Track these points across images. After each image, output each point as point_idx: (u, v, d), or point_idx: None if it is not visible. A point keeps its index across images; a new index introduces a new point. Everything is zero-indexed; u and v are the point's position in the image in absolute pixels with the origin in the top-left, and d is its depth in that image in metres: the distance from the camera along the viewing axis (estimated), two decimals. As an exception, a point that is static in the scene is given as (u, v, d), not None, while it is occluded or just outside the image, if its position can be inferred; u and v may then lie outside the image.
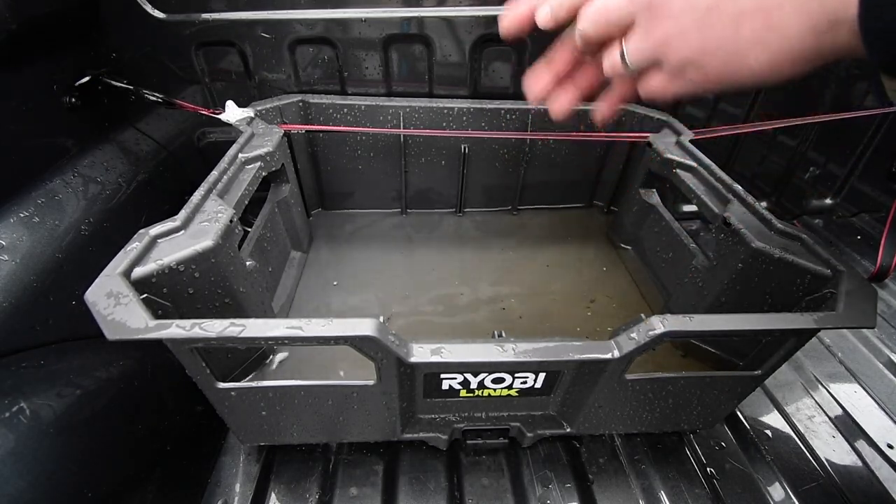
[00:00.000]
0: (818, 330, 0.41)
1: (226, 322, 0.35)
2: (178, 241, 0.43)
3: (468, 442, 0.55)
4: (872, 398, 0.65)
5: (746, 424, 0.60)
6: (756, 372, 0.47)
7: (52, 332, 0.46)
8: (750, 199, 0.55)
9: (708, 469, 0.55)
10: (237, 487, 0.52)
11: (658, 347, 0.42)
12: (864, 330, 0.75)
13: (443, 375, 0.44)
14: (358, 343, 0.37)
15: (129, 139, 0.68)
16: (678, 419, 0.54)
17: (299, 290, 0.72)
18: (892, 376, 0.69)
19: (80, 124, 0.61)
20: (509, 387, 0.47)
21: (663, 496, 0.53)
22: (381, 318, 0.38)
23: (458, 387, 0.46)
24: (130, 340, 0.33)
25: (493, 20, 0.69)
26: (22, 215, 0.48)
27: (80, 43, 0.62)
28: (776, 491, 0.54)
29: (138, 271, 0.40)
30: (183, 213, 0.45)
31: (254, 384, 0.43)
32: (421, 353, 0.39)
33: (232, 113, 0.65)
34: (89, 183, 0.57)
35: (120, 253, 0.40)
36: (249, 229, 0.61)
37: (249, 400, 0.44)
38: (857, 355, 0.71)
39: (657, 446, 0.58)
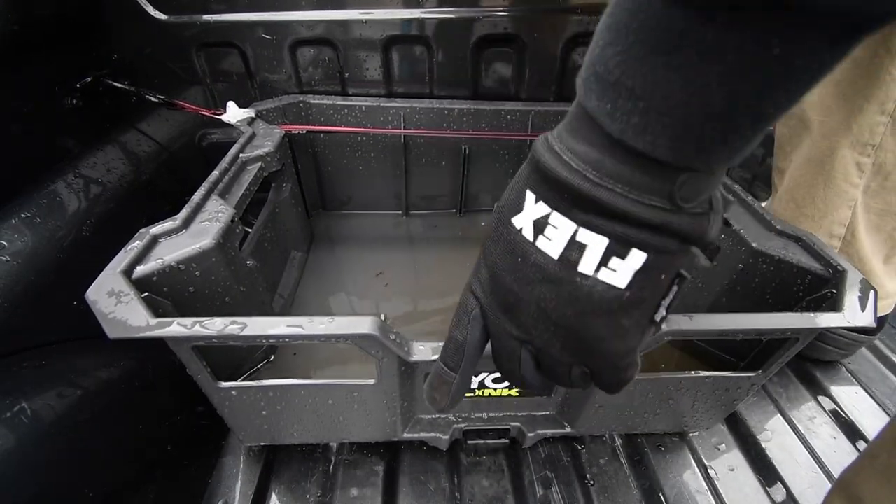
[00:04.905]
0: (819, 330, 0.41)
1: (227, 320, 0.35)
2: (178, 241, 0.44)
3: (469, 442, 0.55)
4: (873, 398, 0.65)
5: (747, 424, 0.60)
6: (757, 372, 0.47)
7: (53, 332, 0.46)
8: (749, 199, 0.55)
9: (709, 470, 0.55)
10: (237, 487, 0.52)
11: (658, 347, 0.42)
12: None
13: None
14: (359, 342, 0.37)
15: (130, 140, 0.68)
16: (679, 419, 0.54)
17: (300, 291, 0.72)
18: (892, 377, 0.68)
19: (81, 125, 0.61)
20: (510, 386, 0.47)
21: (664, 497, 0.53)
22: (383, 317, 0.38)
23: None
24: (131, 339, 0.33)
25: (493, 21, 0.69)
26: (23, 216, 0.48)
27: (82, 44, 0.62)
28: (777, 491, 0.54)
29: (139, 270, 0.40)
30: (184, 213, 0.45)
31: (255, 383, 0.43)
32: (422, 352, 0.39)
33: (233, 113, 0.65)
34: (91, 184, 0.57)
35: (121, 252, 0.40)
36: (250, 230, 0.61)
37: (250, 399, 0.44)
38: (858, 355, 0.71)
39: (658, 447, 0.57)
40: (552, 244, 0.24)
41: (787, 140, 0.60)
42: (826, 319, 0.40)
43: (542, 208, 0.24)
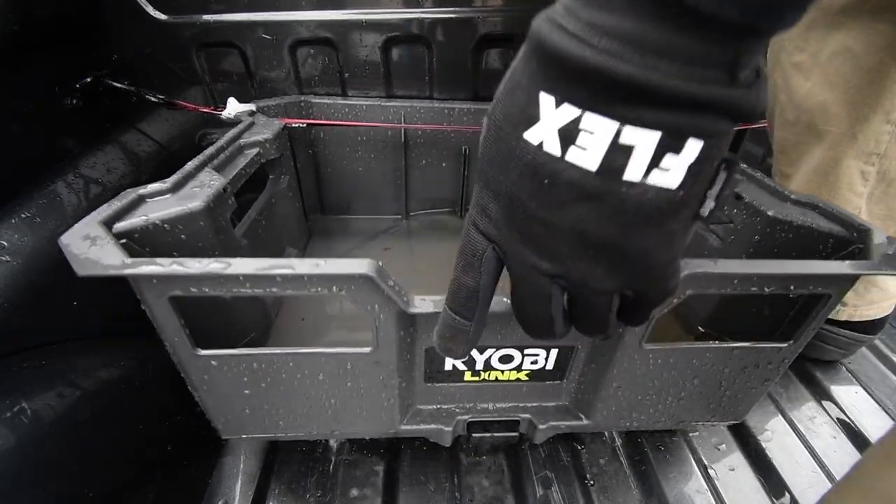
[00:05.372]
0: (853, 277, 0.38)
1: (209, 260, 0.32)
2: (166, 201, 0.41)
3: (474, 435, 0.51)
4: (873, 398, 0.65)
5: (747, 424, 0.60)
6: (787, 343, 0.44)
7: (52, 332, 0.46)
8: (758, 174, 0.53)
9: (709, 470, 0.55)
10: (237, 487, 0.52)
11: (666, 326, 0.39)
12: (865, 331, 0.74)
13: None
14: (353, 292, 0.34)
15: (130, 140, 0.68)
16: (706, 407, 0.50)
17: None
18: (892, 377, 0.68)
19: (81, 125, 0.61)
20: (518, 368, 0.44)
21: (664, 497, 0.53)
22: (380, 263, 0.34)
23: (463, 367, 0.43)
24: (101, 277, 0.31)
25: (494, 21, 0.70)
26: (24, 216, 0.48)
27: (82, 44, 0.62)
28: (777, 492, 0.54)
29: (121, 225, 0.36)
30: (175, 178, 0.43)
31: (238, 351, 0.39)
32: (423, 304, 0.36)
33: (233, 107, 0.65)
34: (91, 184, 0.57)
35: (103, 206, 0.37)
36: (237, 223, 0.60)
37: (232, 373, 0.41)
38: (858, 355, 0.71)
39: (658, 447, 0.58)
40: (588, 154, 0.19)
41: (791, 146, 0.59)
42: (859, 266, 0.37)
43: (569, 112, 0.19)
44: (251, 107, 0.67)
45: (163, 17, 0.65)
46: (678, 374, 0.46)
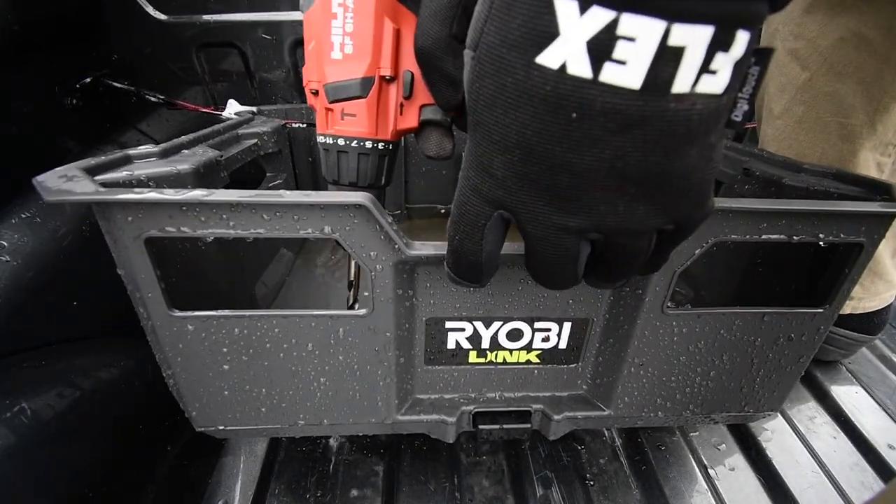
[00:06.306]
0: (890, 220, 0.36)
1: (187, 189, 0.30)
2: (154, 163, 0.38)
3: (481, 428, 0.45)
4: (873, 398, 0.65)
5: (747, 424, 0.60)
6: (824, 307, 0.40)
7: (52, 332, 0.46)
8: (766, 153, 0.52)
9: (709, 470, 0.55)
10: (237, 487, 0.52)
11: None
12: (865, 331, 0.74)
13: (448, 325, 0.39)
14: (347, 227, 0.32)
15: (130, 140, 0.68)
16: (738, 392, 0.46)
17: (286, 288, 0.70)
18: (892, 377, 0.68)
19: (81, 125, 0.61)
20: (528, 347, 0.41)
21: (664, 497, 0.53)
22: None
23: (467, 345, 0.40)
24: (69, 202, 0.29)
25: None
26: (24, 216, 0.48)
27: (82, 44, 0.62)
28: (777, 492, 0.54)
29: (102, 177, 0.34)
30: (165, 144, 0.40)
31: (218, 313, 0.35)
32: (423, 248, 0.33)
33: (233, 108, 0.65)
34: (90, 183, 0.57)
35: (86, 159, 0.36)
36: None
37: (210, 341, 0.37)
38: (858, 355, 0.71)
39: (658, 447, 0.58)
40: (629, 68, 0.16)
41: (771, 139, 0.59)
42: (891, 206, 0.35)
43: (600, 17, 0.15)
44: (252, 109, 0.67)
45: (163, 17, 0.65)
46: (705, 347, 0.41)
